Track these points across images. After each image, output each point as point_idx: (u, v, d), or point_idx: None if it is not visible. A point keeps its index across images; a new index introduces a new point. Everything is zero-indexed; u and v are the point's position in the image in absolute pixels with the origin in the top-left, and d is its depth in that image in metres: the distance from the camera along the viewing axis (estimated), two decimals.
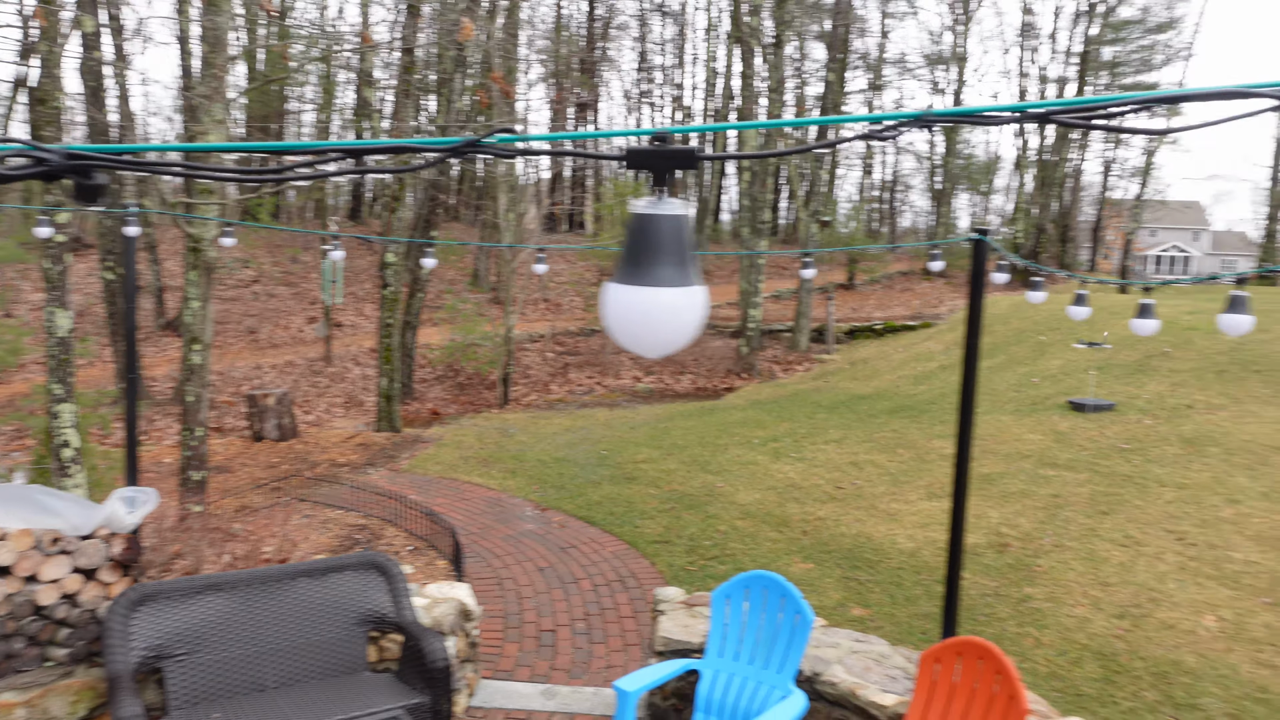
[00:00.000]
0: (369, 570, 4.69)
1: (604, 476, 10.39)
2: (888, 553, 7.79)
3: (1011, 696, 3.62)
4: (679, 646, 4.65)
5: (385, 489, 9.33)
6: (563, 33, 39.80)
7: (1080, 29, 36.13)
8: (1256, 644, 6.04)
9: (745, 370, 20.79)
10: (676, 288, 1.26)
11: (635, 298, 1.27)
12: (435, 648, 4.18)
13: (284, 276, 30.52)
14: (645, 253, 1.27)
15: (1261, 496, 8.53)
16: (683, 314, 1.27)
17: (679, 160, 1.28)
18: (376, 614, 4.55)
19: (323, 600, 4.48)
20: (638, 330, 1.27)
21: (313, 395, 17.70)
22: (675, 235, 1.28)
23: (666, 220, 1.28)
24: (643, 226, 1.28)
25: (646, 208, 1.28)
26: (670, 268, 1.27)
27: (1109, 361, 14.39)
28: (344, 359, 21.13)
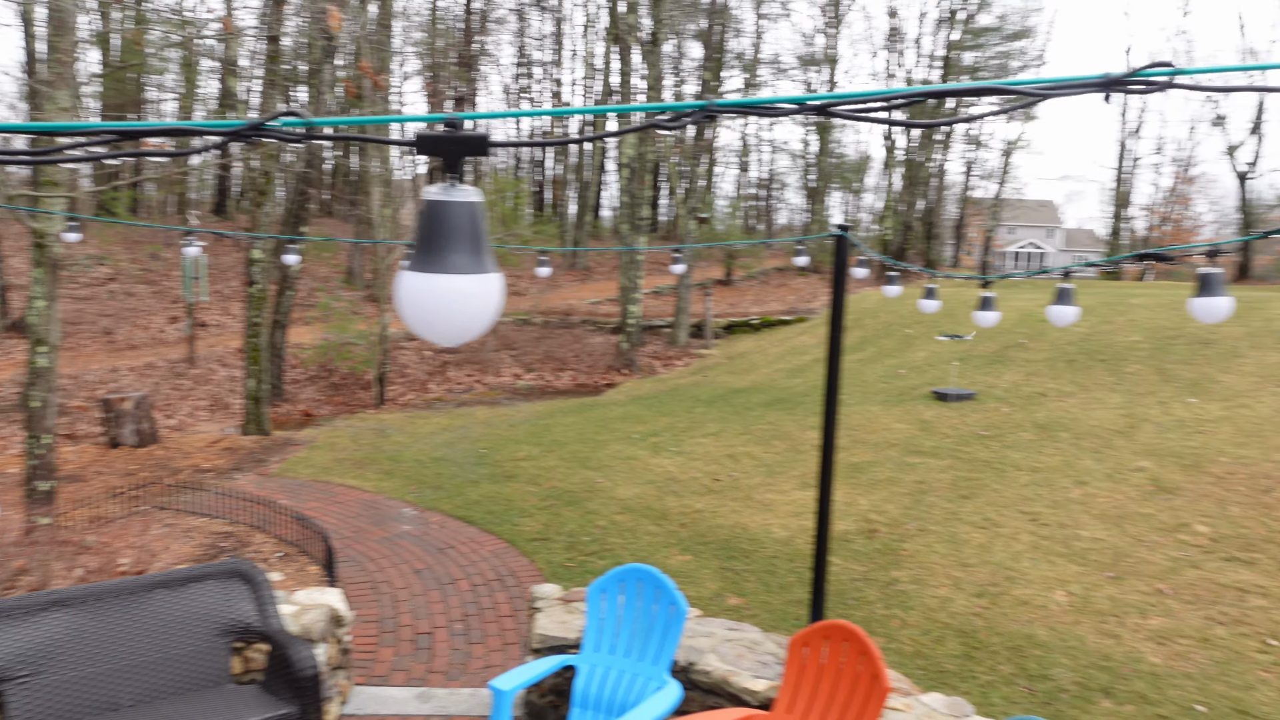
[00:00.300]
0: (232, 579, 4.51)
1: (483, 475, 10.28)
2: (763, 542, 7.97)
3: (874, 676, 3.77)
4: (556, 643, 4.66)
5: (253, 494, 8.99)
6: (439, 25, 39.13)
7: (943, 35, 37.71)
8: (1101, 615, 6.45)
9: (626, 366, 20.91)
10: (470, 275, 1.26)
11: (428, 285, 1.25)
12: (303, 656, 4.07)
13: (143, 274, 29.01)
14: (438, 240, 1.26)
15: (1106, 478, 9.11)
16: (476, 301, 1.27)
17: (470, 146, 1.27)
18: (241, 624, 4.39)
19: (182, 612, 4.30)
20: (431, 318, 1.26)
21: (175, 398, 16.90)
22: (468, 222, 1.27)
23: (458, 207, 1.27)
24: (435, 213, 1.27)
25: (438, 194, 1.27)
26: (463, 255, 1.26)
27: (969, 353, 15.10)
28: (209, 360, 20.24)
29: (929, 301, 4.61)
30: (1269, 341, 13.77)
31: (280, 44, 15.03)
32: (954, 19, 36.76)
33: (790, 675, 4.06)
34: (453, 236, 1.26)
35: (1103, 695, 5.45)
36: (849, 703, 3.83)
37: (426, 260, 1.26)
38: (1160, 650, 5.97)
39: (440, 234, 1.27)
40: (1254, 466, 9.18)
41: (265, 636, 4.36)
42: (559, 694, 4.70)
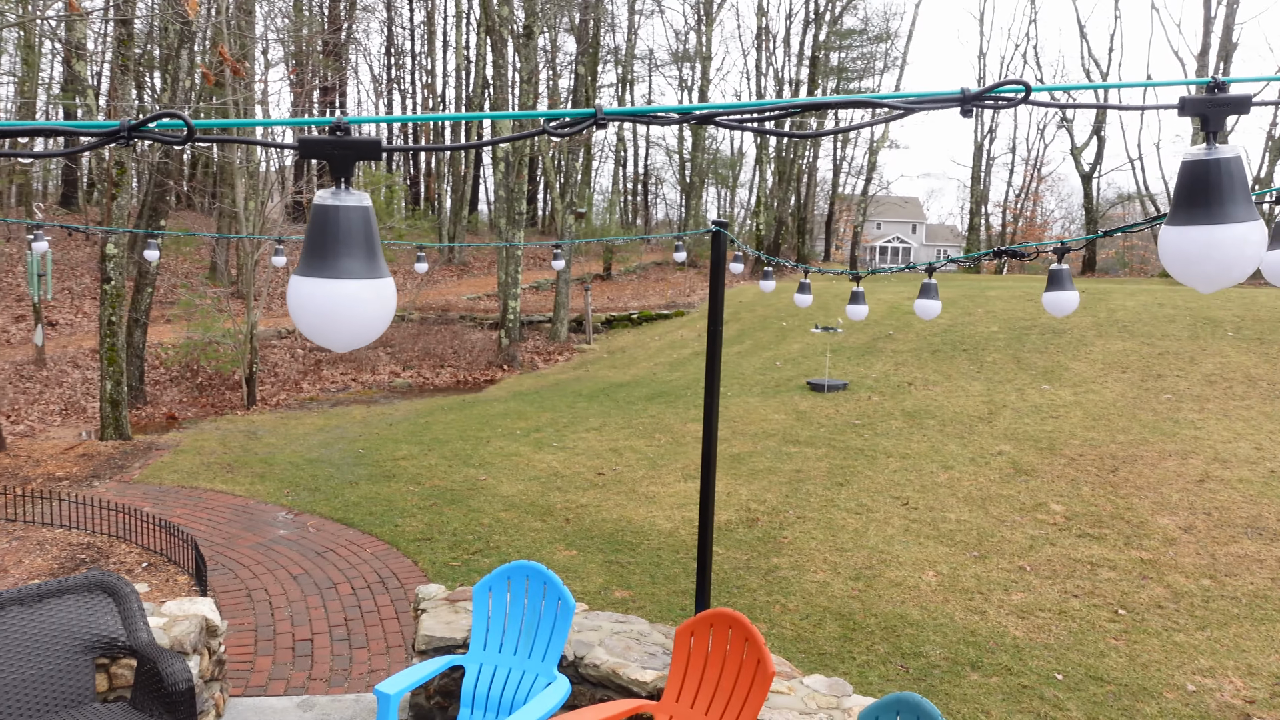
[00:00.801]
0: (94, 592, 4.28)
1: (362, 476, 10.04)
2: (647, 534, 8.06)
3: (759, 660, 3.87)
4: (442, 643, 4.60)
5: (114, 503, 8.53)
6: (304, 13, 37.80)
7: (810, 35, 38.75)
8: (968, 593, 6.79)
9: (506, 362, 20.74)
10: (363, 280, 1.25)
11: (319, 290, 1.25)
12: (175, 669, 3.89)
13: None
14: (328, 245, 1.25)
15: (970, 462, 9.58)
16: (369, 306, 1.26)
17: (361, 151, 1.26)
18: (105, 639, 4.17)
19: (38, 630, 4.04)
20: (323, 323, 1.26)
21: (23, 403, 15.84)
22: (359, 227, 1.27)
23: (348, 211, 1.26)
24: (325, 218, 1.26)
25: (328, 199, 1.26)
26: (355, 260, 1.25)
27: (841, 345, 15.61)
28: (61, 361, 19.05)
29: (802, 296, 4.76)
30: (1113, 331, 14.74)
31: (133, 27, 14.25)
32: (820, 20, 37.82)
33: (678, 664, 4.13)
34: (344, 241, 1.25)
35: (971, 669, 5.74)
36: (735, 688, 3.92)
37: (318, 265, 1.25)
38: (1022, 624, 6.32)
39: (331, 239, 1.25)
40: (1102, 448, 9.81)
41: (132, 651, 4.15)
42: (446, 695, 4.64)
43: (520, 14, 26.07)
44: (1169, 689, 5.53)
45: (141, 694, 4.05)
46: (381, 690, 3.99)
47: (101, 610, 4.25)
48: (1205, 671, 5.71)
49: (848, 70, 40.31)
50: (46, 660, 4.00)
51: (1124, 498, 8.56)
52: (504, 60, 24.10)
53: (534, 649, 4.35)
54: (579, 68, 27.23)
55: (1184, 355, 13.11)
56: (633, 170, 52.02)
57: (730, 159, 48.51)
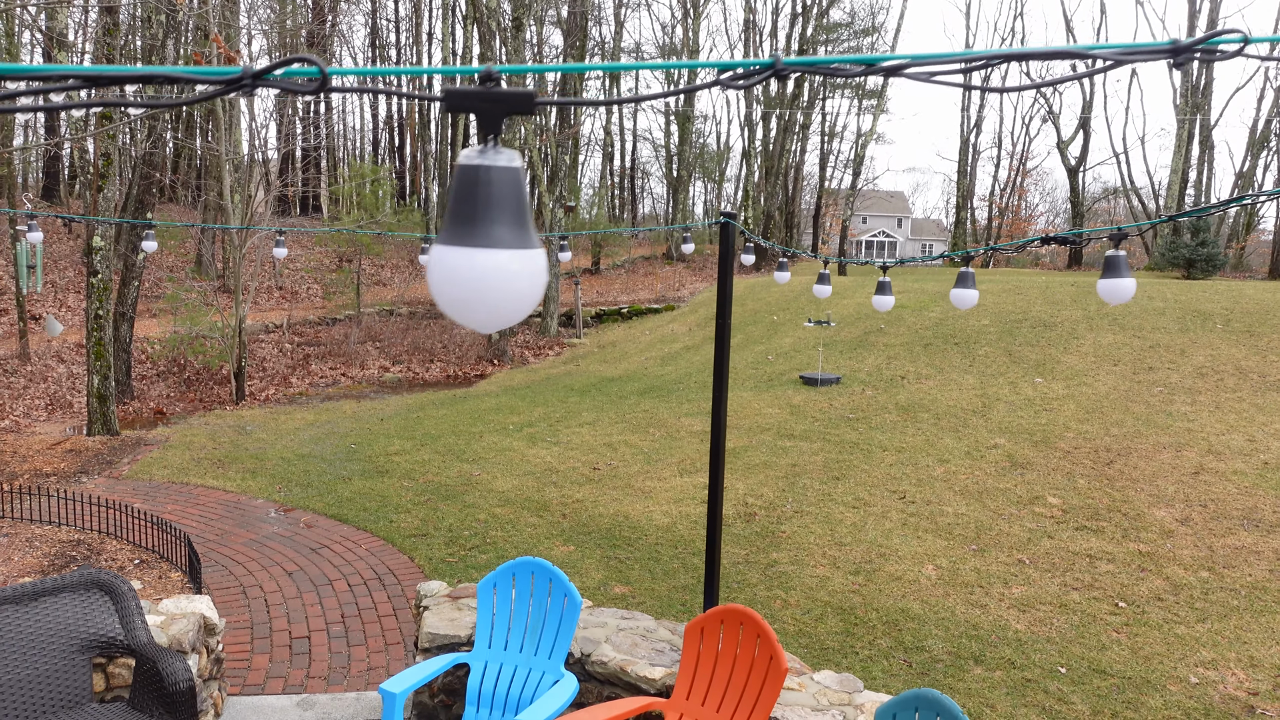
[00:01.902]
0: (90, 590, 4.19)
1: (354, 471, 9.95)
2: (645, 530, 8.01)
3: (771, 657, 3.82)
4: (446, 641, 4.53)
5: (103, 499, 8.41)
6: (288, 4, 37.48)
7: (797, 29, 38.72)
8: (968, 587, 6.77)
9: (496, 356, 20.64)
10: (512, 250, 1.12)
11: (465, 261, 1.11)
12: (175, 669, 3.82)
13: None
14: (475, 210, 1.12)
15: (965, 455, 9.57)
16: (520, 280, 1.13)
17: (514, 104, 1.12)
18: (102, 638, 4.09)
19: (33, 630, 3.96)
20: (469, 298, 1.12)
21: (8, 398, 15.65)
22: (510, 190, 1.13)
23: (498, 172, 1.12)
24: (472, 180, 1.12)
25: (475, 158, 1.12)
26: (505, 227, 1.12)
27: (833, 339, 15.60)
28: (45, 356, 18.83)
29: (822, 287, 4.71)
30: (1103, 324, 14.78)
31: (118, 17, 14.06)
32: (807, 14, 37.80)
33: (688, 661, 4.08)
34: (492, 206, 1.12)
35: (974, 663, 5.72)
36: (747, 685, 3.87)
37: (462, 233, 1.11)
38: (1024, 617, 6.31)
39: (478, 203, 1.12)
40: (1096, 441, 9.82)
41: (131, 650, 4.07)
42: (451, 693, 4.58)
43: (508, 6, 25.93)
44: (1172, 681, 5.52)
45: (140, 694, 3.97)
46: (386, 689, 3.92)
47: (98, 609, 4.17)
48: (1208, 664, 5.71)
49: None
50: (42, 660, 3.92)
51: (1120, 490, 8.57)
52: (492, 53, 23.98)
53: (540, 646, 4.30)
54: (566, 61, 27.08)
55: (1175, 348, 13.15)
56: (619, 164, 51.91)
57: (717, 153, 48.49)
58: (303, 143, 38.73)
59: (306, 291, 28.76)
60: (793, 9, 39.16)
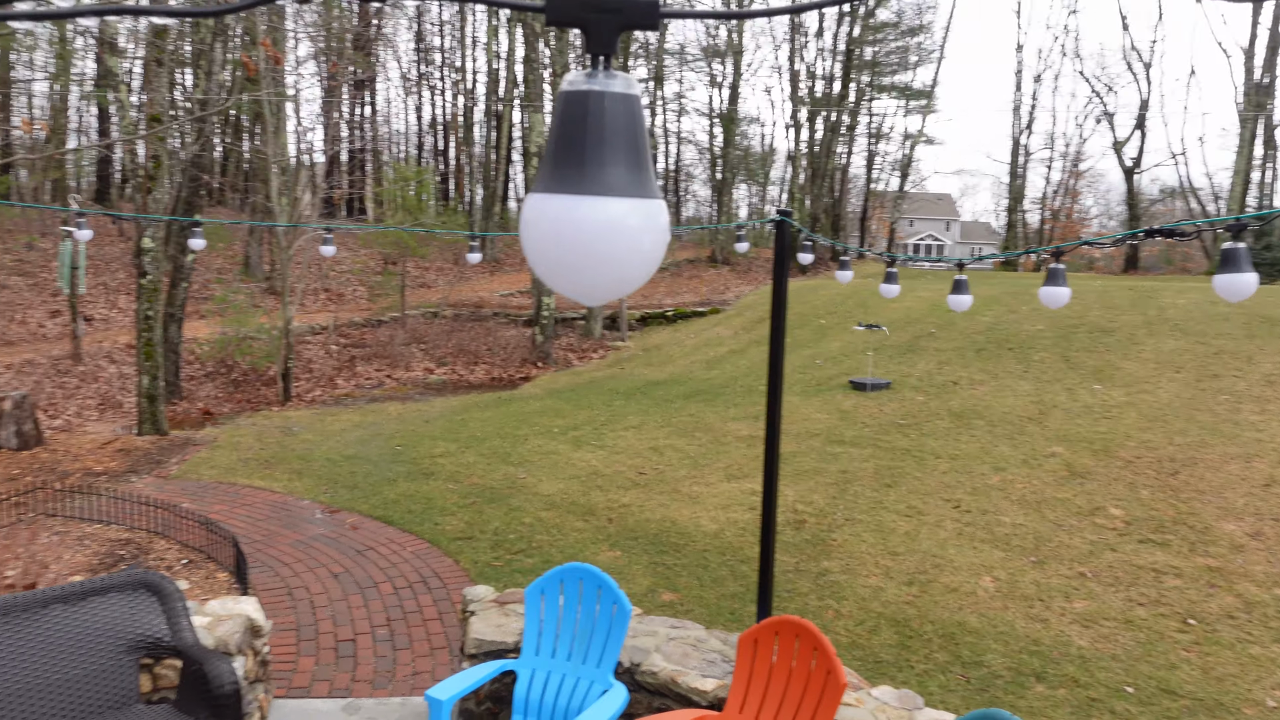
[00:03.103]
0: (138, 590, 4.15)
1: (399, 473, 9.92)
2: (692, 536, 7.86)
3: (829, 671, 3.67)
4: (493, 647, 4.44)
5: (152, 498, 8.46)
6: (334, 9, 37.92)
7: (844, 29, 38.32)
8: (1028, 600, 6.54)
9: (540, 359, 20.62)
10: (631, 199, 0.88)
11: (570, 213, 0.87)
12: (221, 671, 3.75)
13: (18, 265, 27.31)
14: (583, 149, 0.88)
15: (1022, 463, 9.30)
16: (641, 236, 0.89)
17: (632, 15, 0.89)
18: (149, 639, 4.04)
19: (82, 628, 3.92)
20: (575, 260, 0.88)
21: (60, 397, 15.92)
22: (625, 124, 0.89)
23: (612, 101, 0.89)
24: (579, 110, 0.88)
25: (583, 83, 0.89)
26: (621, 169, 0.88)
27: (883, 343, 15.33)
28: (96, 356, 19.15)
29: (889, 286, 4.56)
30: (1164, 329, 14.36)
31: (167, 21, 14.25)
32: (855, 14, 37.40)
33: (741, 673, 3.94)
34: (605, 144, 0.87)
35: (1036, 680, 5.51)
36: (803, 700, 3.72)
37: (567, 178, 0.87)
38: (1086, 633, 6.07)
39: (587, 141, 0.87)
40: (1159, 450, 9.50)
41: (177, 652, 4.02)
42: (497, 700, 4.48)
43: None
44: (1247, 704, 5.26)
45: (187, 696, 3.92)
46: (433, 696, 3.83)
47: (146, 609, 4.12)
48: None
49: (881, 65, 39.85)
50: (90, 660, 3.88)
51: (1185, 502, 8.26)
52: (536, 54, 24.00)
53: (589, 654, 4.18)
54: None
55: (1241, 355, 12.72)
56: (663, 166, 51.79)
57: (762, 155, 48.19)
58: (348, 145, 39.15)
59: (352, 293, 29.01)
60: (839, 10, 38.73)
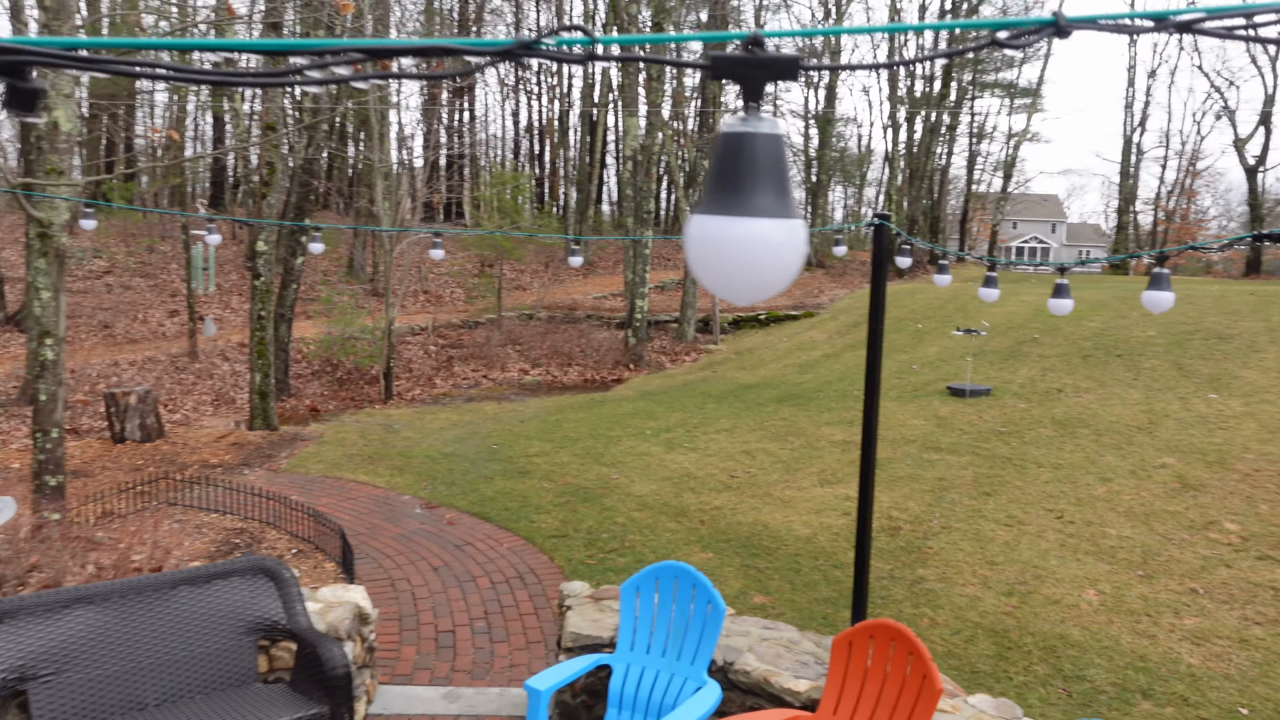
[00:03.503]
0: (257, 576, 4.38)
1: (496, 471, 10.15)
2: (785, 540, 7.84)
3: (925, 676, 3.64)
4: (588, 642, 4.53)
5: (264, 490, 8.86)
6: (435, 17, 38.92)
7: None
8: (1134, 615, 6.33)
9: (633, 361, 20.77)
10: (775, 219, 1.11)
11: (725, 230, 1.11)
12: (334, 654, 3.94)
13: (140, 268, 28.84)
14: (737, 178, 1.12)
15: (1130, 474, 8.98)
16: (786, 250, 1.12)
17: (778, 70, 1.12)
18: (267, 622, 4.26)
19: (207, 609, 4.16)
20: (732, 270, 1.12)
21: (178, 393, 16.75)
22: (772, 158, 1.13)
23: (762, 140, 1.12)
24: (734, 147, 1.12)
25: (738, 125, 1.13)
26: (767, 196, 1.11)
27: (983, 348, 14.97)
28: (211, 354, 20.09)
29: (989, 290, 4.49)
30: None
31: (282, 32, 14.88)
32: (956, 9, 36.58)
33: (835, 676, 3.94)
34: (755, 175, 1.11)
35: (1142, 697, 5.33)
36: (898, 704, 3.70)
37: (723, 202, 1.11)
38: (1198, 651, 5.85)
39: (740, 172, 1.12)
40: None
41: (292, 635, 4.23)
42: (592, 694, 4.57)
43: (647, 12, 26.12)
44: None
45: (301, 677, 4.12)
46: (532, 686, 3.94)
47: (263, 593, 4.34)
48: None
49: (984, 62, 38.87)
50: (213, 639, 4.12)
51: None
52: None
53: (683, 652, 4.23)
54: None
55: None
56: None
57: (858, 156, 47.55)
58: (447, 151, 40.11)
59: (450, 295, 29.72)
60: (941, 5, 37.97)
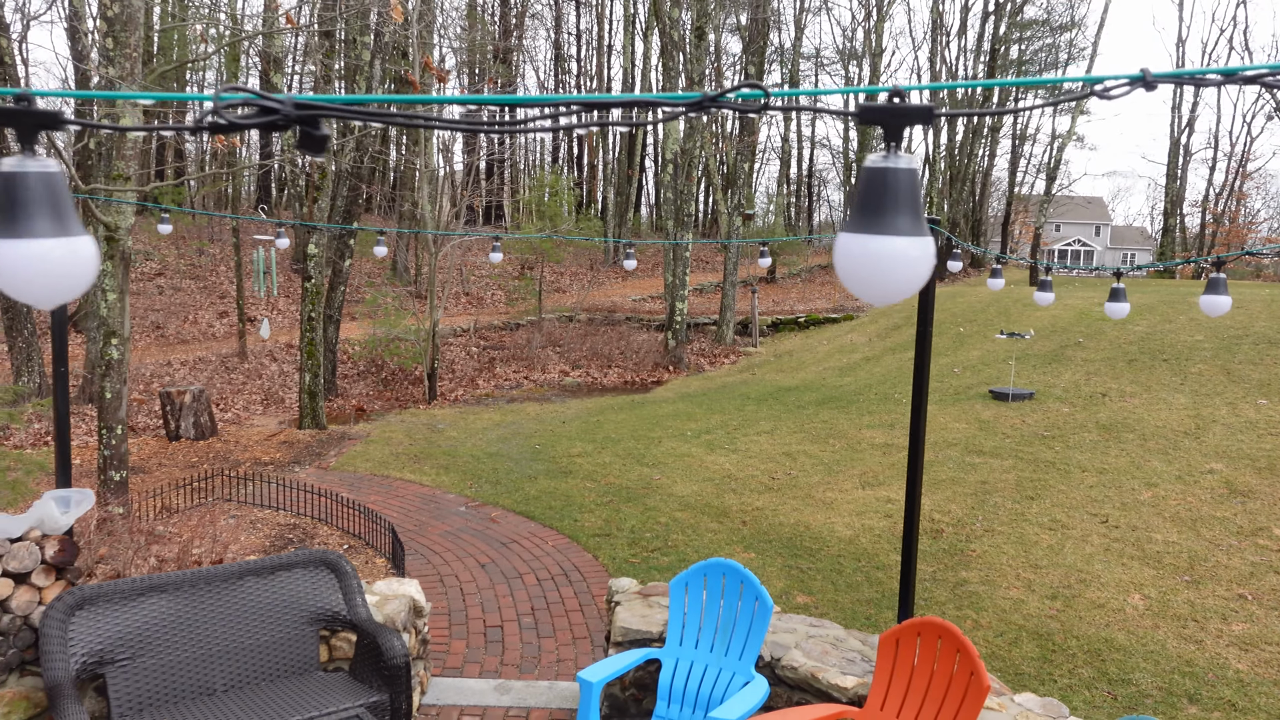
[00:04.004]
0: (319, 568, 4.54)
1: (539, 471, 10.29)
2: (827, 541, 7.90)
3: (972, 673, 3.70)
4: (638, 636, 4.64)
5: (315, 487, 9.08)
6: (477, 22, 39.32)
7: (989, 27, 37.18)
8: (1181, 620, 6.31)
9: (672, 363, 20.87)
10: (911, 237, 1.35)
11: (870, 246, 1.35)
12: (394, 645, 4.08)
13: (190, 270, 29.47)
14: (882, 205, 1.36)
15: (1176, 480, 8.91)
16: (918, 263, 1.35)
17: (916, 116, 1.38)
18: (328, 612, 4.42)
19: (272, 600, 4.33)
20: (876, 277, 1.36)
21: (229, 392, 17.13)
22: (909, 188, 1.37)
23: (901, 173, 1.36)
24: (878, 179, 1.37)
25: (881, 161, 1.37)
26: (905, 218, 1.35)
27: (1025, 352, 14.87)
28: (259, 355, 20.50)
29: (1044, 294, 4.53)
30: None
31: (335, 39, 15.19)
32: (1000, 11, 36.22)
33: (882, 672, 4.00)
34: (895, 201, 1.35)
35: (1188, 701, 5.33)
36: (945, 701, 3.76)
37: (868, 223, 1.36)
38: (1246, 657, 5.82)
39: (882, 199, 1.36)
40: None
41: (353, 625, 4.38)
42: (641, 687, 4.68)
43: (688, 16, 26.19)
44: None
45: (361, 665, 4.27)
46: (584, 678, 4.06)
47: (325, 585, 4.50)
48: None
49: (1028, 63, 38.46)
50: (278, 629, 4.28)
51: None
52: (673, 63, 24.30)
53: (731, 647, 4.32)
54: (749, 67, 27.09)
55: None
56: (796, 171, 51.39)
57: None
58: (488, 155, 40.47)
59: (490, 297, 30.02)
60: (984, 7, 37.63)
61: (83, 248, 1.41)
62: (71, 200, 1.40)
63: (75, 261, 1.40)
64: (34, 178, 1.37)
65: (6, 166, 1.35)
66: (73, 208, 1.38)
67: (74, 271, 1.40)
